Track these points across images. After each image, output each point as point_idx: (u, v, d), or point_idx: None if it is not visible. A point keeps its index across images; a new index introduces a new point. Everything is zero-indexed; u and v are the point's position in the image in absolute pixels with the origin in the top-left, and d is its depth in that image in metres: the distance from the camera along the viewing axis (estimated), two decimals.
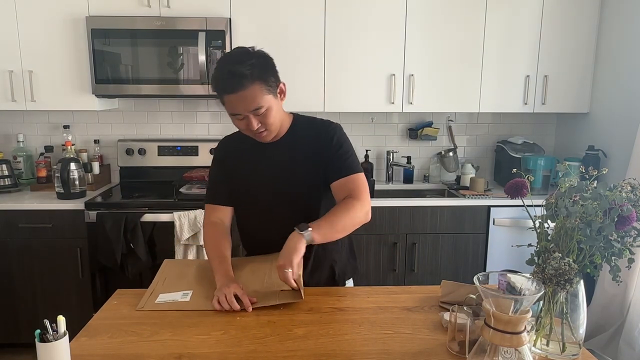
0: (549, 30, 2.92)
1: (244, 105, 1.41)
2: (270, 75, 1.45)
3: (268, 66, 1.46)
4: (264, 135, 1.50)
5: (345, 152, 1.55)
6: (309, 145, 1.56)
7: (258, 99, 1.41)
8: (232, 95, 1.40)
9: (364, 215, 1.50)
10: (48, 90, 2.80)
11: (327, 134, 1.56)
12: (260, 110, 1.43)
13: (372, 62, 2.88)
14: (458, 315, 1.22)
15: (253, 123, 1.44)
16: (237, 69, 1.38)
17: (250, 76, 1.38)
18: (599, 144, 2.90)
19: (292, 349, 1.23)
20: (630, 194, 1.16)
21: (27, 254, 2.69)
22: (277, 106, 1.49)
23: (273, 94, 1.46)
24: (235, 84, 1.38)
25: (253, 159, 1.61)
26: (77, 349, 1.21)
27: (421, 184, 3.35)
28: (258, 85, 1.40)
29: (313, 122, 1.62)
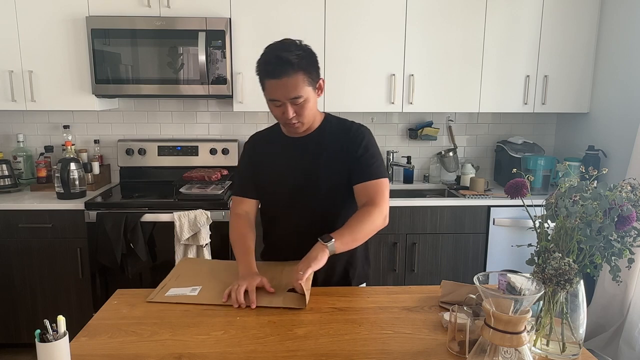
0: (549, 30, 2.92)
1: (284, 92, 1.44)
2: (314, 69, 1.49)
3: (313, 60, 1.50)
4: (296, 126, 1.53)
5: (371, 156, 1.57)
6: (336, 144, 1.58)
7: (299, 89, 1.44)
8: (275, 81, 1.43)
9: (382, 221, 1.54)
10: (48, 90, 2.80)
11: (356, 136, 1.58)
12: (299, 100, 1.46)
13: (372, 62, 2.89)
14: (458, 315, 1.22)
15: (289, 112, 1.47)
16: (285, 56, 1.42)
17: (296, 65, 1.42)
18: (599, 144, 2.90)
19: (292, 349, 1.23)
20: (630, 194, 1.16)
21: (27, 254, 2.69)
22: (314, 100, 1.52)
23: (313, 87, 1.49)
24: (281, 69, 1.41)
25: (280, 153, 1.64)
26: (77, 349, 1.21)
27: (421, 184, 3.35)
28: (301, 75, 1.44)
29: (343, 122, 1.64)
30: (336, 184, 1.58)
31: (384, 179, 1.57)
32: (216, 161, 3.18)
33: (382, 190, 1.55)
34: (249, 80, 2.86)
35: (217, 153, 3.17)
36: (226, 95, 2.84)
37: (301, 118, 1.50)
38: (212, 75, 2.78)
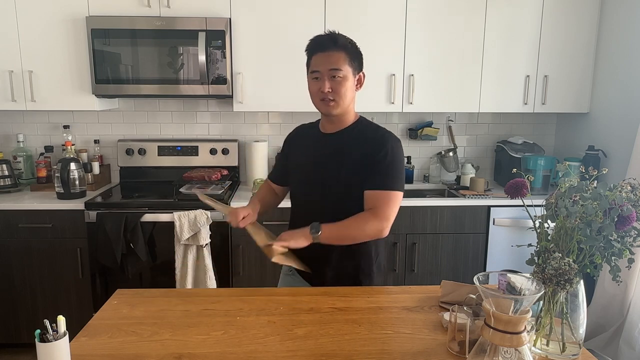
0: (549, 30, 2.92)
1: (326, 63, 1.55)
2: (357, 59, 1.61)
3: (358, 52, 1.62)
4: (331, 104, 1.58)
5: (387, 166, 1.57)
6: (361, 147, 1.60)
7: (340, 63, 1.55)
8: (320, 54, 1.56)
9: (377, 231, 1.55)
10: (48, 90, 2.80)
11: (381, 143, 1.59)
12: (338, 73, 1.55)
13: (372, 62, 2.86)
14: (458, 315, 1.23)
15: (326, 85, 1.55)
16: (336, 35, 1.58)
17: (342, 44, 1.56)
18: (599, 144, 2.90)
19: (292, 349, 1.23)
20: (630, 194, 1.16)
21: (27, 254, 2.69)
22: (352, 85, 1.60)
23: (353, 71, 1.59)
24: (328, 43, 1.56)
25: (309, 146, 1.72)
26: (77, 349, 1.21)
27: (421, 184, 3.35)
28: (345, 54, 1.56)
29: (374, 128, 1.67)
30: (351, 185, 1.60)
31: (394, 191, 1.56)
32: (216, 161, 3.18)
33: (388, 202, 1.55)
34: (249, 80, 2.86)
35: (217, 153, 3.17)
36: (226, 95, 2.84)
37: (336, 95, 1.57)
38: (212, 75, 2.78)
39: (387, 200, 1.55)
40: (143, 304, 1.48)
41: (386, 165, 1.56)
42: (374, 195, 1.56)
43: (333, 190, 1.62)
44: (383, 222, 1.54)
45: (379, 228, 1.54)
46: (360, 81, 1.64)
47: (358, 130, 1.65)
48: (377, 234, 1.56)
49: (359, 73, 1.63)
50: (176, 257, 2.62)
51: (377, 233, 1.56)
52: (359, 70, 1.62)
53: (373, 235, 1.57)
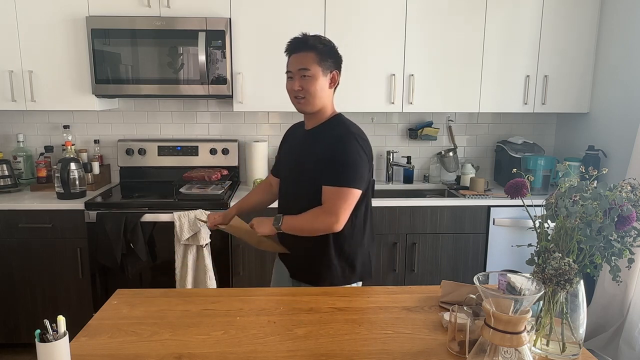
0: (549, 30, 2.92)
1: (296, 63, 1.68)
2: (330, 58, 1.69)
3: (332, 53, 1.71)
4: (302, 102, 1.70)
5: (341, 164, 1.63)
6: (324, 144, 1.69)
7: (308, 63, 1.66)
8: (293, 55, 1.69)
9: (328, 226, 1.64)
10: (48, 90, 2.80)
11: (339, 142, 1.66)
12: (306, 72, 1.66)
13: (372, 62, 2.89)
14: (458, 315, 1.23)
15: (296, 83, 1.68)
16: (308, 36, 1.69)
17: (312, 46, 1.67)
18: (599, 144, 2.90)
19: (292, 349, 1.23)
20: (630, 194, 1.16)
21: (27, 254, 2.69)
22: (322, 84, 1.69)
23: (323, 70, 1.68)
24: (299, 44, 1.68)
25: (292, 142, 1.88)
26: (77, 349, 1.21)
27: (421, 184, 3.35)
28: (313, 54, 1.66)
29: (343, 126, 1.73)
30: (312, 178, 1.69)
31: (346, 188, 1.62)
32: (216, 161, 3.18)
33: (337, 198, 1.62)
34: (249, 80, 2.86)
35: (217, 153, 3.17)
36: (226, 95, 2.84)
37: (306, 93, 1.67)
38: (212, 75, 2.78)
39: (338, 197, 1.62)
40: (143, 304, 1.48)
41: (340, 163, 1.63)
42: (327, 191, 1.64)
43: (303, 183, 1.73)
44: (332, 217, 1.62)
45: (327, 223, 1.62)
46: (334, 79, 1.72)
47: (328, 126, 1.74)
48: (326, 228, 1.64)
49: (332, 72, 1.70)
50: (176, 257, 2.62)
51: (326, 228, 1.64)
52: (332, 69, 1.70)
53: (323, 229, 1.65)
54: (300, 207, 1.70)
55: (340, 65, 1.75)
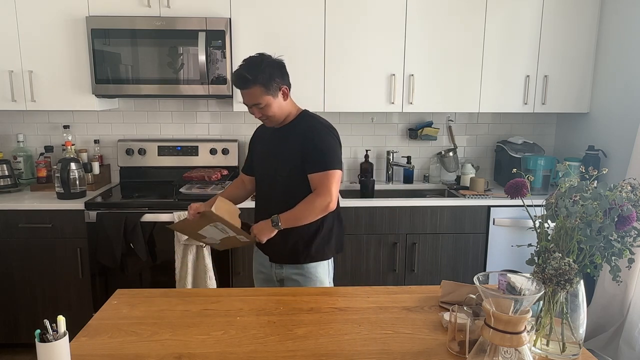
0: (549, 30, 2.92)
1: (247, 99, 1.82)
2: (273, 81, 1.79)
3: (273, 74, 1.80)
4: (266, 122, 1.89)
5: (320, 151, 1.81)
6: (299, 138, 1.84)
7: (257, 98, 1.79)
8: (241, 92, 1.82)
9: (323, 207, 1.79)
10: (48, 90, 2.80)
11: (312, 133, 1.83)
12: (260, 105, 1.81)
13: (372, 62, 2.88)
14: (458, 315, 1.23)
15: (255, 113, 1.85)
16: (243, 74, 1.77)
17: (252, 81, 1.76)
18: (599, 144, 2.90)
19: (292, 349, 1.24)
20: (630, 194, 1.16)
21: (27, 254, 2.69)
22: (277, 104, 1.83)
23: (272, 95, 1.80)
24: (241, 83, 1.79)
25: (264, 140, 2.00)
26: (77, 349, 1.21)
27: (421, 184, 3.35)
28: (258, 88, 1.77)
29: (311, 120, 1.91)
30: (292, 172, 1.84)
31: (330, 170, 1.79)
32: (216, 161, 3.18)
33: (326, 181, 1.78)
34: None
35: (217, 153, 3.17)
36: (226, 95, 2.84)
37: (267, 117, 1.85)
38: (212, 75, 2.78)
39: (327, 179, 1.79)
40: (143, 304, 1.48)
41: (319, 150, 1.80)
42: (315, 177, 1.80)
43: (279, 174, 1.87)
44: (327, 197, 1.78)
45: (324, 204, 1.78)
46: (285, 93, 1.84)
47: (297, 123, 1.89)
48: (324, 209, 1.79)
49: (281, 89, 1.82)
50: (176, 257, 2.62)
51: (324, 208, 1.79)
52: (280, 86, 1.82)
53: (321, 210, 1.79)
54: (280, 197, 1.86)
55: (285, 74, 1.85)
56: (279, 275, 1.93)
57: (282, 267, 1.91)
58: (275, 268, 1.93)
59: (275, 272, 1.93)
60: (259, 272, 2.02)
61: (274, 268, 1.93)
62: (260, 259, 2.00)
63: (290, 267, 1.90)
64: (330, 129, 1.88)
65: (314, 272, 1.90)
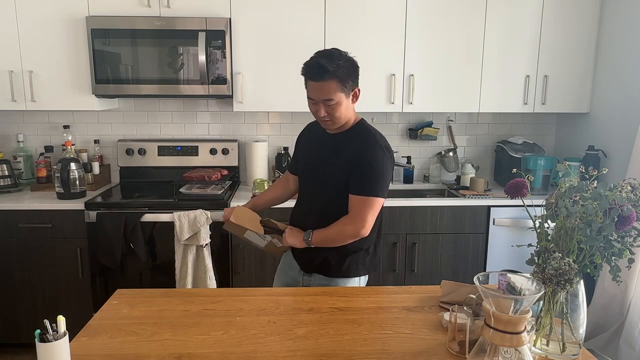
0: (549, 30, 2.92)
1: (319, 93, 1.64)
2: (349, 79, 1.66)
3: (350, 71, 1.67)
4: (328, 124, 1.72)
5: (367, 173, 1.67)
6: (351, 150, 1.71)
7: (331, 93, 1.63)
8: (314, 83, 1.64)
9: (353, 234, 1.70)
10: (48, 90, 2.80)
11: (367, 151, 1.70)
12: (330, 102, 1.65)
13: (372, 62, 2.88)
14: (458, 315, 1.23)
15: (321, 111, 1.67)
16: (324, 64, 1.61)
17: (332, 73, 1.61)
18: (599, 144, 2.90)
19: (292, 349, 1.23)
20: (630, 194, 1.16)
21: (27, 254, 2.69)
22: (346, 105, 1.69)
23: (346, 93, 1.67)
24: (317, 74, 1.62)
25: (314, 142, 1.87)
26: (77, 349, 1.21)
27: (421, 184, 3.35)
28: (335, 82, 1.62)
29: (367, 134, 1.75)
30: (338, 184, 1.72)
31: (371, 197, 1.67)
32: (216, 161, 3.18)
33: (363, 207, 1.67)
34: (249, 80, 2.86)
35: (217, 153, 3.17)
36: (226, 95, 2.84)
37: (332, 117, 1.68)
38: (212, 75, 2.78)
39: (365, 206, 1.67)
40: (143, 304, 1.48)
41: (368, 172, 1.67)
42: (354, 200, 1.69)
43: (326, 186, 1.76)
44: (359, 225, 1.68)
45: (356, 231, 1.68)
46: (355, 95, 1.72)
47: (354, 134, 1.75)
48: (354, 236, 1.70)
49: (353, 90, 1.70)
50: (176, 257, 2.62)
51: (354, 235, 1.70)
52: (353, 87, 1.69)
53: (351, 237, 1.70)
54: (320, 206, 1.76)
55: (358, 76, 1.71)
56: (306, 282, 1.84)
57: (312, 276, 1.82)
58: (305, 275, 1.84)
59: (304, 279, 1.84)
60: (285, 273, 1.93)
61: (303, 275, 1.85)
62: (289, 263, 1.91)
63: (320, 278, 1.81)
64: (386, 150, 1.73)
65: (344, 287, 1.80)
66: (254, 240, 1.89)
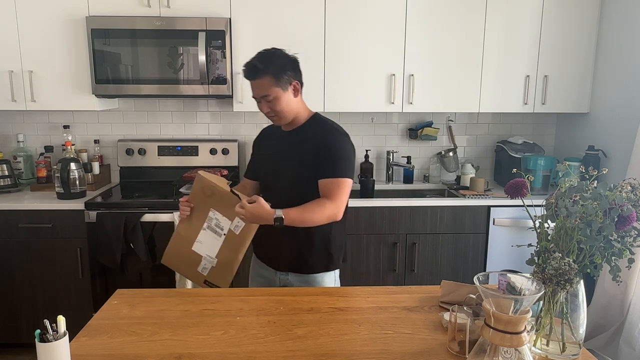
0: (549, 30, 2.92)
1: (256, 91, 1.75)
2: (284, 74, 1.73)
3: (286, 66, 1.75)
4: (275, 119, 1.80)
5: (333, 157, 1.74)
6: (311, 142, 1.77)
7: (266, 89, 1.71)
8: (251, 82, 1.75)
9: (332, 214, 1.71)
10: (48, 90, 2.80)
11: (328, 138, 1.76)
12: (268, 98, 1.72)
13: (372, 62, 2.88)
14: (458, 315, 1.23)
15: (264, 107, 1.76)
16: (256, 63, 1.72)
17: (263, 70, 1.70)
18: (599, 144, 2.90)
19: (292, 349, 1.23)
20: (630, 194, 1.16)
21: (27, 254, 2.69)
22: (287, 99, 1.75)
23: (282, 88, 1.73)
24: (251, 73, 1.73)
25: (271, 144, 1.93)
26: (77, 349, 1.21)
27: (421, 184, 3.34)
28: (268, 78, 1.71)
29: (325, 125, 1.83)
30: (303, 177, 1.77)
31: (343, 178, 1.73)
32: (216, 161, 3.18)
33: (337, 188, 1.72)
34: None
35: (217, 153, 3.17)
36: (226, 95, 2.84)
37: (275, 113, 1.76)
38: (212, 75, 2.78)
39: (337, 187, 1.72)
40: (143, 304, 1.48)
41: (334, 156, 1.74)
42: (326, 183, 1.73)
43: (290, 179, 1.81)
44: (338, 206, 1.71)
45: (333, 211, 1.71)
46: (296, 89, 1.78)
47: (310, 127, 1.82)
48: (332, 217, 1.72)
49: (292, 83, 1.75)
50: None
51: (332, 216, 1.71)
52: (290, 81, 1.75)
53: (329, 217, 1.71)
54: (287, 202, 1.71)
55: (298, 70, 1.79)
56: (283, 281, 1.86)
57: (288, 274, 1.84)
58: (280, 275, 1.86)
59: (280, 278, 1.86)
60: (259, 275, 1.94)
61: (279, 275, 1.86)
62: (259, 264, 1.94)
63: (295, 276, 1.84)
64: (346, 136, 1.81)
65: (321, 283, 1.84)
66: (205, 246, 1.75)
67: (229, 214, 1.72)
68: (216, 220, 1.75)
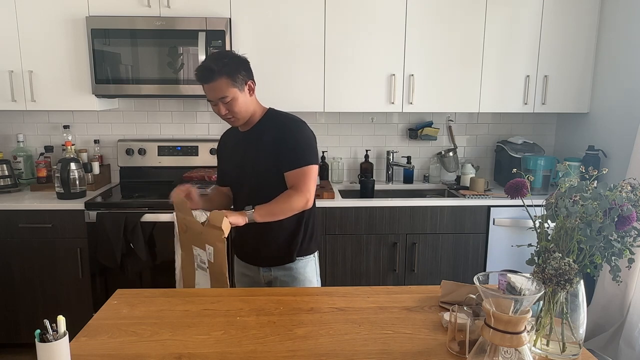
0: (549, 30, 2.92)
1: (213, 93, 1.73)
2: (238, 74, 1.74)
3: (239, 66, 1.76)
4: (232, 121, 1.81)
5: (295, 146, 1.76)
6: (271, 136, 1.80)
7: (224, 91, 1.72)
8: (206, 86, 1.73)
9: (302, 204, 1.75)
10: (48, 90, 2.80)
11: (285, 129, 1.79)
12: (226, 100, 1.73)
13: (372, 62, 2.88)
14: (458, 315, 1.23)
15: (222, 109, 1.76)
16: (211, 65, 1.70)
17: (219, 72, 1.69)
18: (599, 144, 2.90)
19: (292, 349, 1.23)
20: (630, 194, 1.16)
21: (27, 254, 2.69)
22: (244, 99, 1.77)
23: (239, 88, 1.75)
24: (207, 76, 1.70)
25: (232, 146, 1.93)
26: (77, 349, 1.21)
27: (421, 184, 3.35)
28: (224, 80, 1.71)
29: (279, 116, 1.86)
30: (267, 171, 1.79)
31: (308, 166, 1.76)
32: (216, 161, 3.17)
33: (304, 177, 1.75)
34: None
35: None
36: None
37: (233, 114, 1.77)
38: None
39: (304, 176, 1.75)
40: (143, 304, 1.48)
41: (295, 145, 1.76)
42: (292, 175, 1.76)
43: (255, 177, 1.82)
44: (306, 195, 1.74)
45: (302, 201, 1.74)
46: (251, 88, 1.80)
47: (266, 123, 1.85)
48: (303, 206, 1.75)
49: (247, 83, 1.77)
50: (176, 257, 2.62)
51: (303, 206, 1.75)
52: (245, 81, 1.77)
53: (300, 207, 1.75)
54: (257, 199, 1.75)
55: (250, 70, 1.80)
56: (267, 278, 1.90)
57: (270, 270, 1.89)
58: (263, 271, 1.90)
59: (263, 275, 1.90)
60: (243, 275, 1.98)
61: (262, 271, 1.90)
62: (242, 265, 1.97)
63: (278, 269, 1.88)
64: (302, 123, 1.82)
65: (303, 272, 1.89)
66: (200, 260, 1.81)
67: (202, 245, 1.76)
68: (199, 257, 1.80)
